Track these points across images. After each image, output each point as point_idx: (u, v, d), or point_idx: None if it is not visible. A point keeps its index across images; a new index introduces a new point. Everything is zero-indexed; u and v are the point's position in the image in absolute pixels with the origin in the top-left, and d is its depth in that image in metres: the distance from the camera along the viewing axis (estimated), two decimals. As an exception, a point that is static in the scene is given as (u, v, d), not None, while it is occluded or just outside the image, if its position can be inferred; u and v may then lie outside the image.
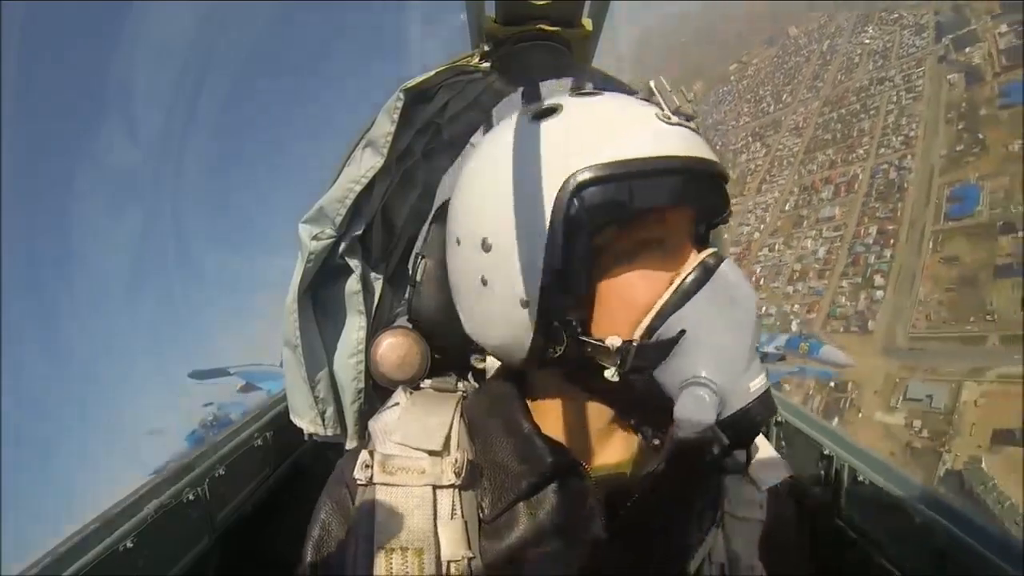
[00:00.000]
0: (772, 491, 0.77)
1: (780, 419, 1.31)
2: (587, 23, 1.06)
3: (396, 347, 1.05)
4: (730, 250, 1.30)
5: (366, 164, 0.98)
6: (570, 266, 0.59)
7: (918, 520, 0.89)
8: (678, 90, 0.64)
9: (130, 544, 0.85)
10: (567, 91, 0.95)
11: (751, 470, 0.74)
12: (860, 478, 1.04)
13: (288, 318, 0.98)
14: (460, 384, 0.92)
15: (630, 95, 0.70)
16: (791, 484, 0.80)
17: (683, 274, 0.60)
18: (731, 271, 0.60)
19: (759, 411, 0.58)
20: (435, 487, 0.66)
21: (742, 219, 47.28)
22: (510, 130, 0.66)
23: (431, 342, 1.09)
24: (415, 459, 0.67)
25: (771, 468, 0.78)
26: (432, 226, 1.15)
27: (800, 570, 0.79)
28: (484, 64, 1.06)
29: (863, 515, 1.04)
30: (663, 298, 0.60)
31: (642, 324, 0.60)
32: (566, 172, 0.58)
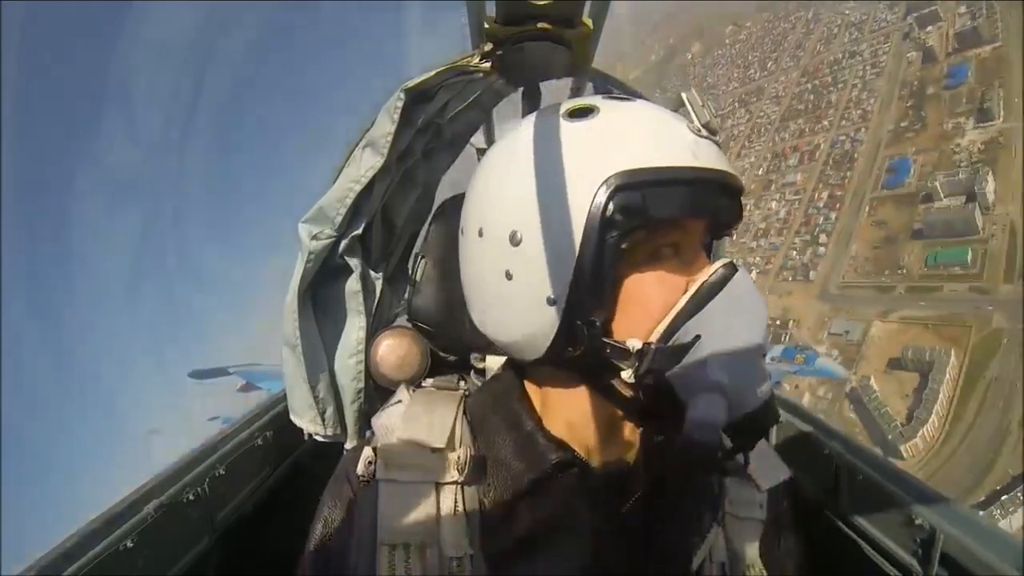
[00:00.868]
0: (772, 491, 0.78)
1: (780, 419, 1.31)
2: (587, 22, 1.06)
3: (396, 347, 1.05)
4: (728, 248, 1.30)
5: (366, 164, 0.98)
6: (600, 267, 0.59)
7: (918, 520, 0.89)
8: (706, 104, 0.65)
9: (130, 544, 0.85)
10: (595, 94, 0.96)
11: (751, 470, 0.74)
12: (860, 478, 1.04)
13: (288, 318, 0.98)
14: (462, 383, 0.92)
15: (636, 96, 0.71)
16: (791, 484, 0.81)
17: (699, 281, 0.61)
18: (744, 280, 0.61)
19: (764, 416, 0.59)
20: (438, 484, 0.66)
21: None
22: (543, 126, 0.66)
23: (431, 342, 1.09)
24: (418, 456, 0.68)
25: (771, 468, 0.79)
26: (432, 226, 1.15)
27: (800, 570, 0.80)
28: (484, 64, 1.05)
29: (863, 515, 1.04)
30: (680, 304, 0.61)
31: (659, 328, 0.60)
32: (604, 173, 0.59)
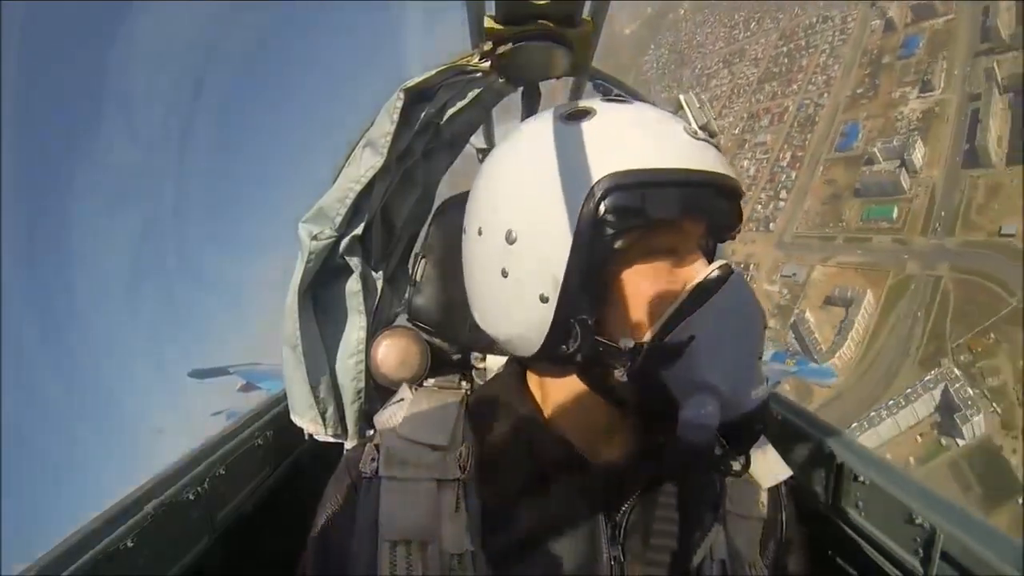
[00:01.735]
0: (772, 490, 0.78)
1: (780, 419, 1.31)
2: (587, 22, 1.06)
3: (396, 347, 1.05)
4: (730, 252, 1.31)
5: (366, 164, 0.98)
6: (593, 266, 0.60)
7: (918, 520, 0.89)
8: (704, 107, 0.66)
9: (130, 544, 0.85)
10: (598, 96, 0.97)
11: (752, 469, 0.74)
12: (860, 478, 1.04)
13: (288, 318, 0.98)
14: (463, 382, 0.92)
15: (635, 98, 0.71)
16: (791, 484, 0.81)
17: (694, 282, 0.62)
18: (740, 283, 0.61)
19: (758, 418, 0.59)
20: (439, 481, 0.66)
21: None
22: (541, 127, 0.67)
23: (431, 342, 1.09)
24: (420, 453, 0.68)
25: (771, 467, 0.79)
26: (432, 226, 1.15)
27: (800, 569, 0.80)
28: (484, 64, 1.05)
29: (863, 515, 1.04)
30: (675, 304, 0.61)
31: (653, 328, 0.61)
32: (597, 174, 0.59)
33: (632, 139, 0.62)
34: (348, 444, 1.05)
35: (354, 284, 1.03)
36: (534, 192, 0.63)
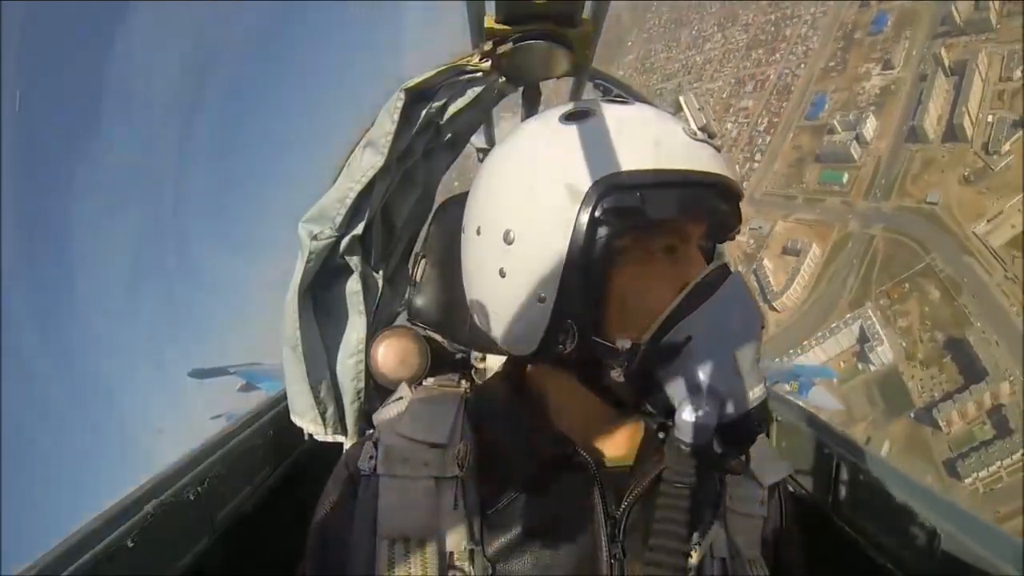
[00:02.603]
0: (772, 489, 0.78)
1: (780, 418, 1.31)
2: (587, 22, 1.06)
3: (396, 347, 1.05)
4: (730, 257, 1.31)
5: (366, 164, 0.98)
6: (590, 267, 0.60)
7: (918, 520, 0.89)
8: (704, 108, 0.66)
9: (130, 544, 0.85)
10: (599, 97, 0.97)
11: (752, 468, 0.74)
12: (860, 478, 1.04)
13: (288, 318, 0.98)
14: (463, 382, 0.92)
15: (635, 98, 0.71)
16: (791, 483, 0.81)
17: (692, 283, 0.62)
18: (738, 284, 0.61)
19: (756, 419, 0.59)
20: (438, 479, 0.66)
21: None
22: (540, 127, 0.67)
23: (431, 342, 1.09)
24: (419, 451, 0.68)
25: (772, 466, 0.79)
26: (432, 226, 1.15)
27: (800, 568, 0.80)
28: (484, 64, 1.05)
29: (863, 515, 1.04)
30: (672, 305, 0.61)
31: (650, 328, 0.60)
32: (595, 175, 0.59)
33: (630, 140, 0.62)
34: (348, 444, 1.05)
35: (354, 284, 1.03)
36: (532, 192, 0.63)
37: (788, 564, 0.78)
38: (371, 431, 0.75)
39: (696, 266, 0.64)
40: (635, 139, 0.62)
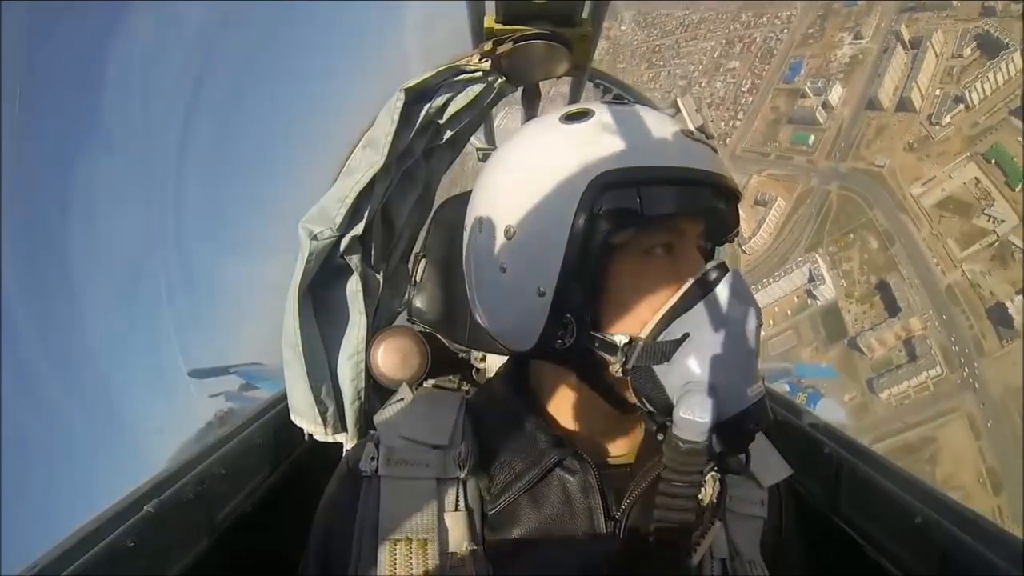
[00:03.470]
0: (772, 489, 0.78)
1: (779, 419, 1.31)
2: (587, 22, 1.06)
3: (396, 347, 1.05)
4: (729, 256, 1.31)
5: (366, 164, 0.98)
6: (587, 262, 0.61)
7: (918, 520, 0.89)
8: (701, 109, 0.67)
9: (130, 544, 0.85)
10: (599, 98, 0.98)
11: (752, 468, 0.74)
12: (860, 477, 1.04)
13: (289, 318, 0.98)
14: (463, 382, 0.92)
15: (635, 98, 0.72)
16: (791, 483, 0.81)
17: (691, 280, 0.62)
18: (736, 282, 0.61)
19: (754, 417, 0.59)
20: (439, 480, 0.67)
21: (688, 60, 63.25)
22: (540, 128, 0.69)
23: (431, 341, 1.09)
24: (420, 452, 0.68)
25: (772, 467, 0.79)
26: (432, 226, 1.15)
27: (800, 568, 0.80)
28: (484, 64, 1.05)
29: (863, 515, 1.04)
30: (670, 301, 0.61)
31: (648, 324, 0.61)
32: (594, 171, 0.60)
33: (627, 138, 0.63)
34: (348, 444, 1.05)
35: (354, 284, 1.03)
36: (532, 188, 0.64)
37: (788, 565, 0.78)
38: (372, 432, 0.75)
39: (694, 264, 0.64)
40: (633, 138, 0.63)
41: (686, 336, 0.59)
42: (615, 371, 0.62)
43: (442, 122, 1.07)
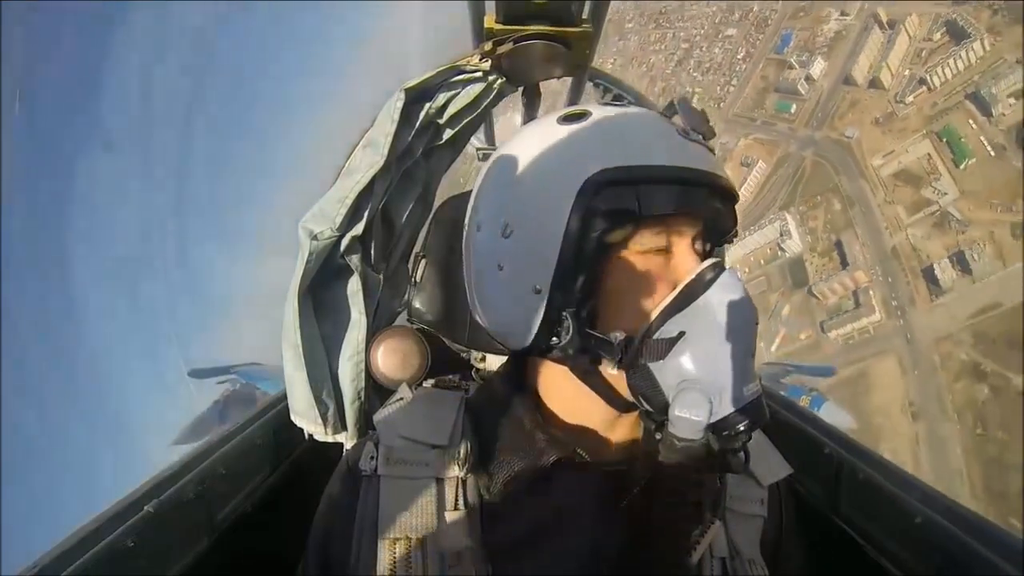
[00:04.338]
0: (772, 489, 0.78)
1: (779, 418, 1.31)
2: (587, 22, 1.06)
3: (396, 347, 1.05)
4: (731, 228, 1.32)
5: (366, 163, 0.98)
6: (583, 260, 0.61)
7: (918, 520, 0.89)
8: (699, 110, 0.67)
9: (130, 544, 0.85)
10: (596, 100, 0.98)
11: (752, 467, 0.75)
12: (860, 477, 1.04)
13: (289, 318, 0.98)
14: (463, 382, 0.92)
15: (634, 98, 0.72)
16: (791, 482, 0.81)
17: (687, 279, 0.62)
18: (731, 280, 0.61)
19: (751, 415, 0.59)
20: (439, 479, 0.67)
21: (691, 23, 66.47)
22: (539, 128, 0.69)
23: (431, 341, 1.09)
24: (420, 452, 0.68)
25: (772, 465, 0.79)
26: (432, 226, 1.15)
27: (800, 567, 0.80)
28: (484, 64, 1.06)
29: (863, 515, 1.04)
30: (666, 300, 0.62)
31: (644, 323, 0.61)
32: (590, 170, 0.60)
33: (623, 138, 0.63)
34: (348, 444, 1.06)
35: (354, 284, 1.03)
36: (529, 187, 0.64)
37: (788, 564, 0.78)
38: (372, 431, 0.75)
39: (690, 263, 0.64)
40: (630, 137, 0.64)
41: (682, 334, 0.59)
42: (611, 369, 0.62)
43: (442, 122, 1.07)
